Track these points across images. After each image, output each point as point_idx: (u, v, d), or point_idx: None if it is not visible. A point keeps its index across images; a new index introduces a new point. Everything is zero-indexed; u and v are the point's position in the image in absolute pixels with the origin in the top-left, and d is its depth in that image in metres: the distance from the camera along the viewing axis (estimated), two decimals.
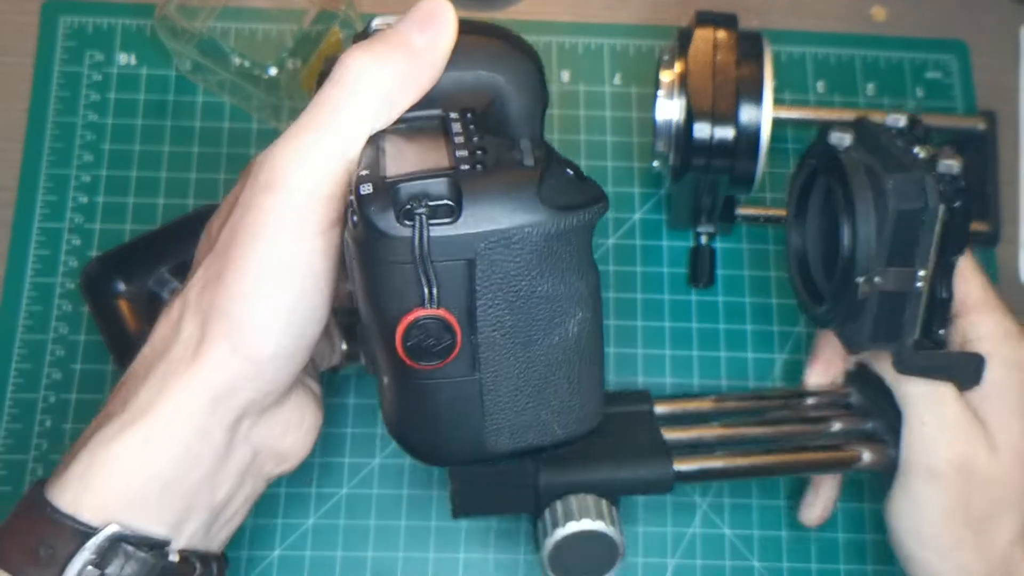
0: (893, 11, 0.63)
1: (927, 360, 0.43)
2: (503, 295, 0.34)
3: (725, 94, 0.50)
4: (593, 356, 0.37)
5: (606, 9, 0.63)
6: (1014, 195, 0.60)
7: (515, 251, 0.33)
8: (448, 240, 0.33)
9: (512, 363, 0.35)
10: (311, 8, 0.57)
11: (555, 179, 0.34)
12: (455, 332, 0.34)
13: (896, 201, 0.40)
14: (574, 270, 0.35)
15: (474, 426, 0.36)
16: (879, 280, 0.41)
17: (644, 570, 0.53)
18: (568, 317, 0.35)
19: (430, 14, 0.36)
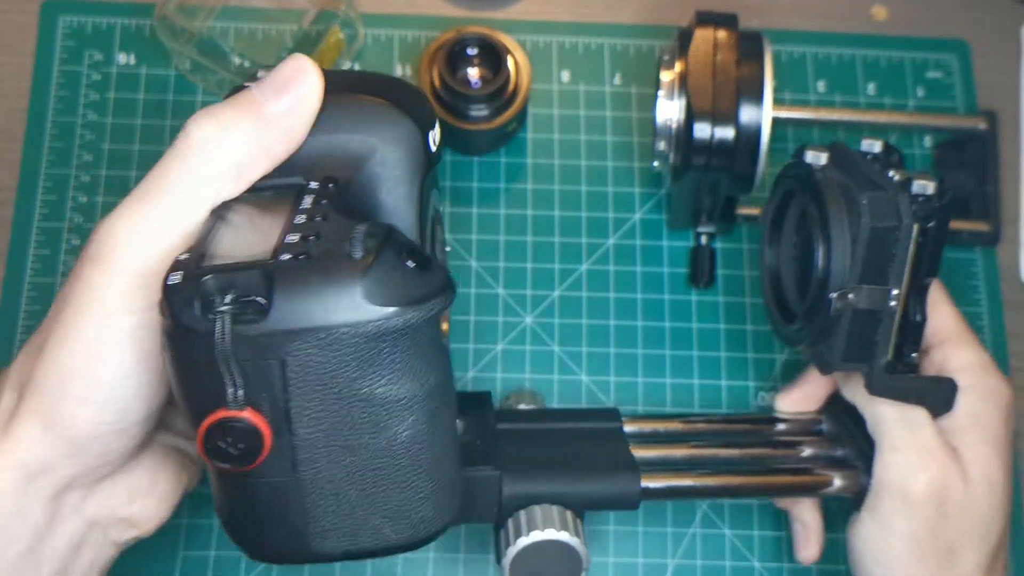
0: (894, 11, 0.63)
1: (900, 383, 0.43)
2: (320, 396, 0.32)
3: (725, 94, 0.50)
4: (433, 460, 0.34)
5: (606, 9, 0.63)
6: (1014, 195, 0.60)
7: (331, 352, 0.31)
8: (256, 339, 0.30)
9: (334, 466, 0.33)
10: (311, 8, 0.57)
11: (387, 272, 0.31)
12: (262, 435, 0.32)
13: (869, 218, 0.40)
14: (405, 372, 0.32)
15: (298, 527, 0.34)
16: (852, 297, 0.41)
17: (644, 570, 0.53)
18: (397, 421, 0.33)
19: (290, 78, 0.34)
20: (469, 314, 0.56)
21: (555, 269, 0.57)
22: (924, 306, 0.42)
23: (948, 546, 0.44)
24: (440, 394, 0.34)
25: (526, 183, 0.59)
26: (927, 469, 0.43)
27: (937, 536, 0.43)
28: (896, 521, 0.44)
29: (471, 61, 0.56)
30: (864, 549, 0.45)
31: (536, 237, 0.58)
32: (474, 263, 0.57)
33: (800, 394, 0.50)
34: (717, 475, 0.46)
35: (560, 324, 0.56)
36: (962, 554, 0.44)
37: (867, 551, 0.45)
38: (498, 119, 0.55)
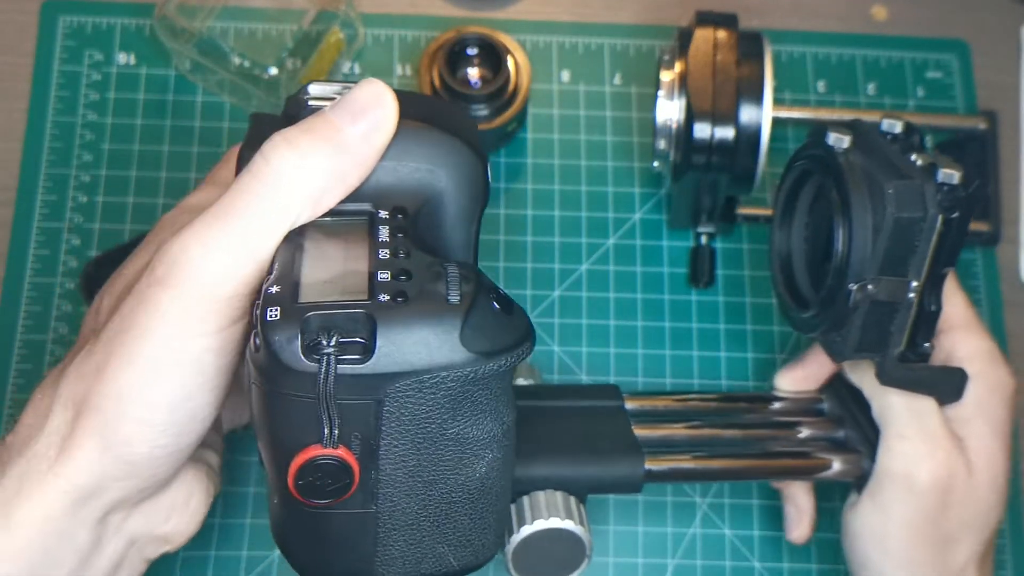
0: (894, 11, 0.63)
1: (911, 373, 0.43)
2: (410, 436, 0.32)
3: (725, 94, 0.50)
4: (499, 492, 0.35)
5: (606, 9, 0.63)
6: (1014, 195, 0.60)
7: (428, 394, 0.32)
8: (357, 379, 0.31)
9: (412, 500, 0.34)
10: (311, 8, 0.57)
11: (480, 318, 0.32)
12: (352, 473, 0.32)
13: (895, 208, 0.40)
14: (490, 413, 0.33)
15: (365, 555, 0.34)
16: (872, 288, 0.40)
17: (644, 570, 0.53)
18: (478, 459, 0.34)
19: (368, 103, 0.33)
20: None
21: (555, 269, 0.57)
22: (940, 296, 0.42)
23: (946, 535, 0.44)
24: (513, 432, 0.35)
25: (526, 183, 0.59)
26: (933, 458, 0.43)
27: (937, 525, 0.43)
28: (897, 508, 0.44)
29: (471, 61, 0.56)
30: (862, 532, 0.45)
31: (536, 237, 0.58)
32: None
33: (802, 373, 0.49)
34: (717, 458, 0.46)
35: (560, 324, 0.56)
36: (958, 543, 0.44)
37: (865, 535, 0.45)
38: (498, 119, 0.55)
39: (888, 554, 0.44)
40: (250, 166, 0.33)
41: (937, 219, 0.40)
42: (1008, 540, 0.54)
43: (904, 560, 0.44)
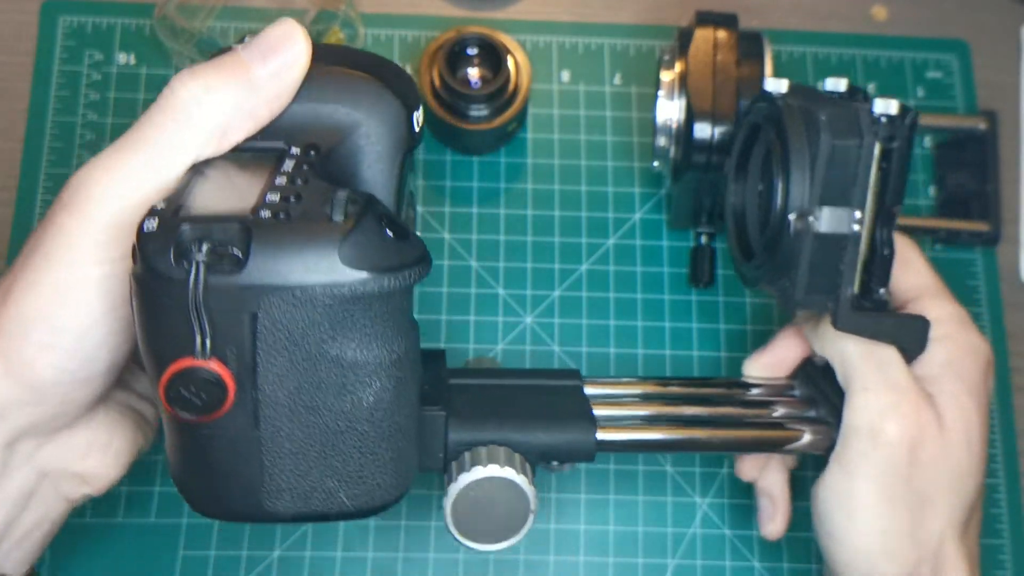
0: (894, 11, 0.63)
1: (868, 320, 0.41)
2: (288, 354, 0.32)
3: (725, 94, 0.50)
4: (395, 428, 0.35)
5: (606, 9, 0.63)
6: (1014, 195, 0.60)
7: (304, 311, 0.31)
8: (229, 290, 0.31)
9: (295, 425, 0.33)
10: (311, 8, 0.57)
11: (366, 237, 0.32)
12: (225, 386, 0.32)
13: (830, 135, 0.39)
14: (375, 338, 0.33)
15: (252, 484, 0.34)
16: (812, 220, 0.39)
17: (644, 570, 0.53)
18: (363, 386, 0.33)
19: (277, 42, 0.34)
20: (469, 314, 0.56)
21: (555, 269, 0.57)
22: (891, 238, 0.41)
23: (919, 497, 0.41)
24: (407, 364, 0.34)
25: (526, 183, 0.59)
26: (898, 410, 0.41)
27: (908, 484, 0.41)
28: (865, 466, 0.41)
29: (471, 61, 0.56)
30: (830, 498, 0.42)
31: (536, 237, 0.58)
32: (474, 263, 0.57)
33: (770, 358, 0.48)
34: (681, 427, 0.44)
35: (560, 324, 0.56)
36: (934, 507, 0.41)
37: (833, 501, 0.42)
38: (498, 119, 0.55)
39: (855, 519, 0.41)
40: (158, 99, 0.34)
41: (874, 146, 0.39)
42: (1008, 540, 0.54)
43: (873, 526, 0.41)
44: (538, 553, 0.53)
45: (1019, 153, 0.61)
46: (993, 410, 0.56)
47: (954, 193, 0.59)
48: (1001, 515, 0.55)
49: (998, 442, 0.56)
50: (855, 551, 0.41)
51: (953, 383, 0.42)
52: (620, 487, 0.54)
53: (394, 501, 0.36)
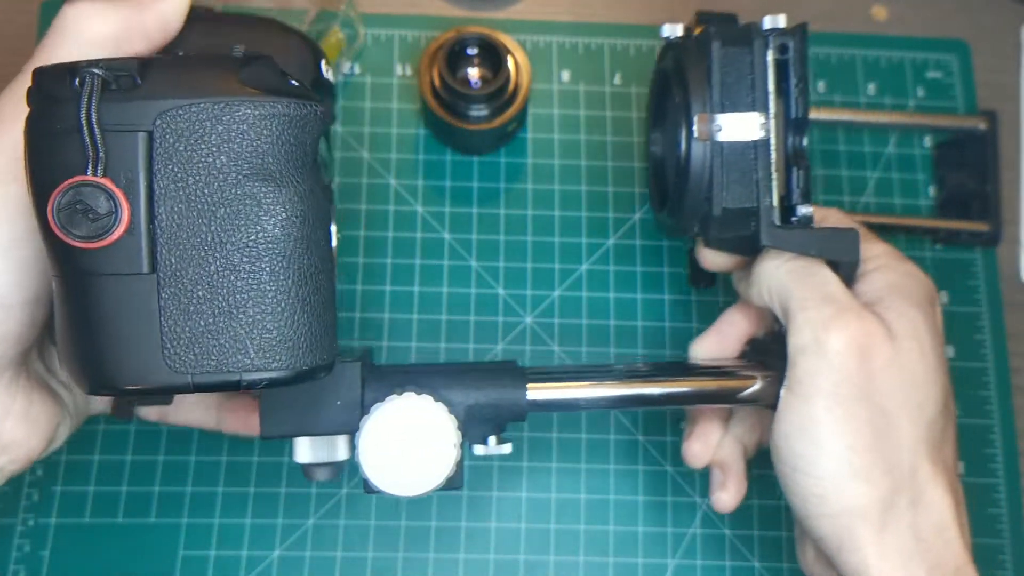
0: (894, 11, 0.63)
1: (796, 234, 0.40)
2: (186, 178, 0.31)
3: None
4: (302, 274, 0.32)
5: (606, 9, 0.63)
6: (1014, 195, 0.60)
7: (203, 128, 0.30)
8: (123, 108, 0.30)
9: (196, 263, 0.31)
10: (311, 8, 0.57)
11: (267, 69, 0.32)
12: (119, 204, 0.30)
13: (719, 42, 0.40)
14: (279, 163, 0.32)
15: (149, 339, 0.31)
16: (716, 128, 0.39)
17: (644, 570, 0.53)
18: (268, 215, 0.32)
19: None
20: (469, 314, 0.56)
21: (555, 269, 0.57)
22: (804, 149, 0.40)
23: (880, 409, 0.39)
24: (313, 206, 0.33)
25: (526, 183, 0.59)
26: (841, 318, 0.39)
27: (866, 397, 0.39)
28: (817, 382, 0.39)
29: (471, 61, 0.56)
30: (789, 431, 0.40)
31: (536, 237, 0.58)
32: (474, 263, 0.57)
33: (715, 336, 0.47)
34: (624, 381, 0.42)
35: (560, 324, 0.56)
36: (897, 419, 0.39)
37: (793, 431, 0.39)
38: (498, 119, 0.55)
39: (818, 442, 0.39)
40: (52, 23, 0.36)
41: (766, 52, 0.39)
42: (1008, 540, 0.54)
43: (837, 445, 0.39)
44: (538, 553, 0.53)
45: (1019, 153, 0.61)
46: (993, 410, 0.56)
47: (954, 193, 0.59)
48: (1001, 515, 0.55)
49: (998, 442, 0.56)
50: (823, 477, 0.39)
51: (897, 299, 0.41)
52: (620, 487, 0.54)
53: (308, 369, 0.33)
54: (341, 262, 0.56)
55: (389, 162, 0.58)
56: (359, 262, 0.56)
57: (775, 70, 0.39)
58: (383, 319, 0.56)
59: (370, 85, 0.60)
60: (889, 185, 0.60)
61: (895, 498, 0.39)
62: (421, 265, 0.57)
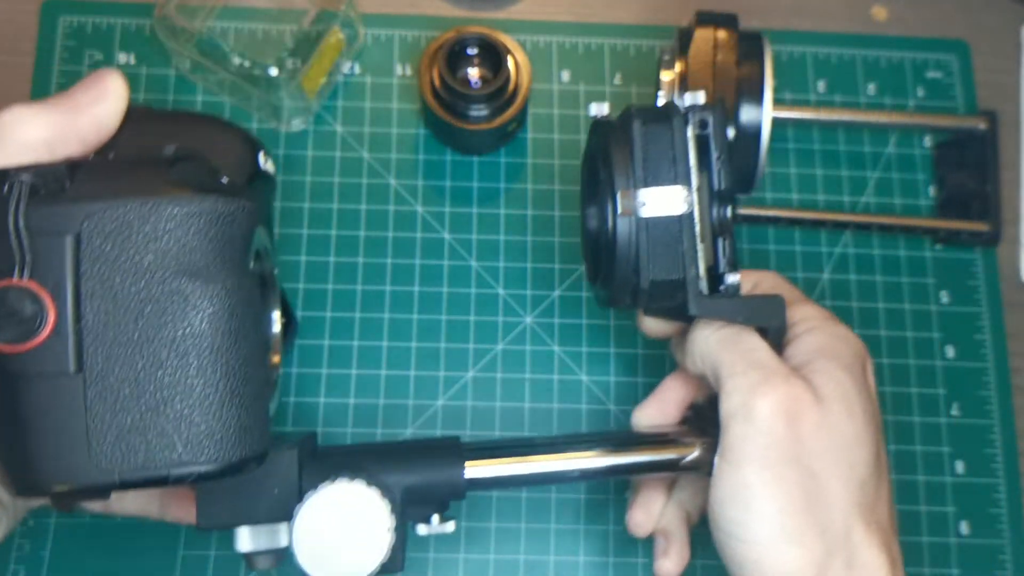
0: (894, 11, 0.63)
1: (723, 303, 0.40)
2: (114, 276, 0.31)
3: (726, 94, 0.50)
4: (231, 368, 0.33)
5: (606, 9, 0.63)
6: (1014, 195, 0.60)
7: (131, 228, 0.31)
8: (50, 211, 0.30)
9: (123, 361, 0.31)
10: (311, 8, 0.57)
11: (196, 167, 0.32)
12: (45, 307, 0.31)
13: (640, 121, 0.40)
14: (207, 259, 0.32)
15: (77, 437, 0.31)
16: (641, 204, 0.39)
17: (644, 570, 0.53)
18: (195, 311, 0.32)
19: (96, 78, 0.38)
20: (469, 314, 0.56)
21: (555, 269, 0.57)
22: (729, 219, 0.41)
23: (810, 472, 0.39)
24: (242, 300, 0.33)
25: (526, 183, 0.59)
26: (768, 383, 0.39)
27: (795, 460, 0.39)
28: (747, 449, 0.39)
29: (471, 61, 0.56)
30: (722, 497, 0.40)
31: (536, 237, 0.58)
32: (474, 263, 0.57)
33: (656, 403, 0.47)
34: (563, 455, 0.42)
35: (560, 324, 0.56)
36: (828, 483, 0.39)
37: (726, 498, 0.40)
38: (498, 119, 0.55)
39: (750, 508, 0.39)
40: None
41: (686, 128, 0.40)
42: (1008, 540, 0.54)
43: (768, 509, 0.39)
44: (538, 553, 0.53)
45: (1019, 153, 0.61)
46: (993, 410, 0.56)
47: (954, 193, 0.59)
48: (1001, 515, 0.55)
49: (998, 442, 0.56)
50: (757, 542, 0.39)
51: (825, 362, 0.41)
52: (620, 486, 0.54)
53: (239, 462, 0.33)
54: (341, 262, 0.56)
55: (389, 162, 0.58)
56: (359, 262, 0.56)
57: (696, 145, 0.40)
58: (383, 319, 0.56)
59: (370, 85, 0.60)
60: (889, 185, 0.60)
61: (829, 560, 0.39)
62: (421, 265, 0.57)
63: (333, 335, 0.55)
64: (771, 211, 0.57)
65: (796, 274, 0.58)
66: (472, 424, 0.54)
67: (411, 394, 0.55)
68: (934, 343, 0.57)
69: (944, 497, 0.55)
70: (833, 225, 0.58)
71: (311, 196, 0.57)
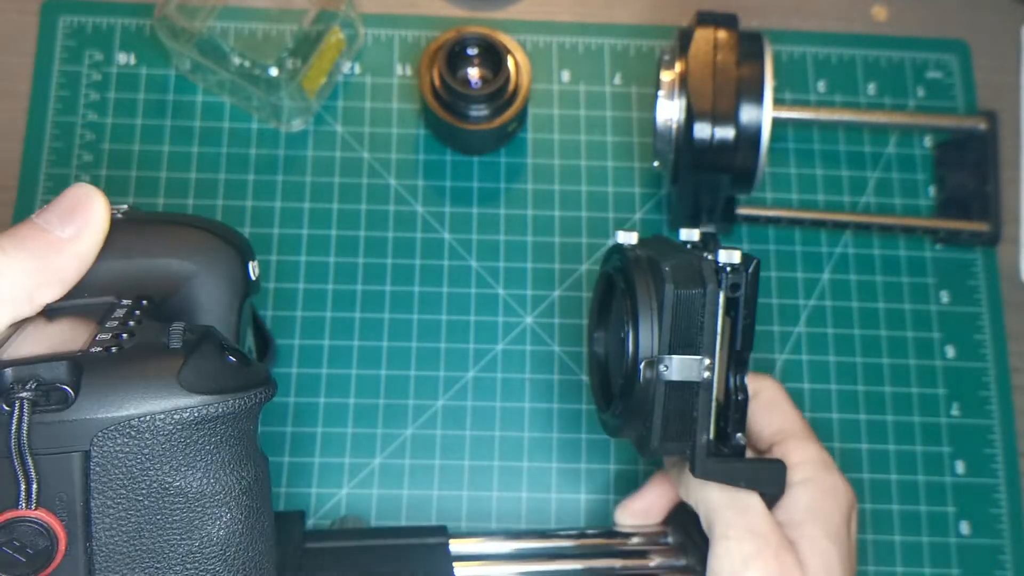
0: (894, 11, 0.63)
1: (726, 466, 0.41)
2: (126, 493, 0.30)
3: (726, 94, 0.50)
4: (250, 564, 0.32)
5: (606, 9, 0.63)
6: (1014, 195, 0.60)
7: (143, 441, 0.29)
8: (57, 427, 0.28)
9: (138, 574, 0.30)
10: (311, 8, 0.57)
11: (206, 361, 0.30)
12: (55, 536, 0.29)
13: (673, 284, 0.39)
14: (222, 464, 0.31)
15: None
16: (663, 368, 0.40)
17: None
18: (212, 519, 0.31)
19: (75, 204, 0.34)
20: (469, 314, 0.56)
21: (555, 269, 0.57)
22: (744, 383, 0.41)
23: None
24: (258, 493, 0.32)
25: (526, 183, 0.59)
26: (760, 557, 0.41)
27: None
28: None
29: (471, 61, 0.56)
30: None
31: (536, 237, 0.58)
32: (474, 263, 0.57)
33: (640, 504, 0.48)
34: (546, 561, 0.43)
35: (560, 324, 0.56)
36: None
37: None
38: (498, 119, 0.55)
39: None
40: None
41: (719, 294, 0.40)
42: (1008, 540, 0.54)
43: None
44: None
45: (1019, 153, 0.61)
46: (993, 410, 0.56)
47: (954, 193, 0.59)
48: (1001, 515, 0.55)
49: (998, 442, 0.56)
50: None
51: (814, 528, 0.42)
52: (619, 487, 0.54)
53: None
54: (341, 262, 0.56)
55: (389, 162, 0.58)
56: (359, 262, 0.56)
57: (725, 308, 0.40)
58: (383, 319, 0.56)
59: (370, 85, 0.60)
60: (889, 185, 0.60)
61: None
62: (421, 265, 0.57)
63: (333, 335, 0.55)
64: (771, 211, 0.57)
65: (796, 274, 0.58)
66: (472, 424, 0.54)
67: (411, 394, 0.55)
68: (934, 343, 0.57)
69: (944, 497, 0.55)
70: (833, 225, 0.58)
71: (311, 196, 0.57)
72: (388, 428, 0.54)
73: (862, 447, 0.55)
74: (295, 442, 0.53)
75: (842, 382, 0.56)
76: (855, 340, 0.57)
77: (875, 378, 0.56)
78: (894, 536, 0.54)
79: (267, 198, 0.57)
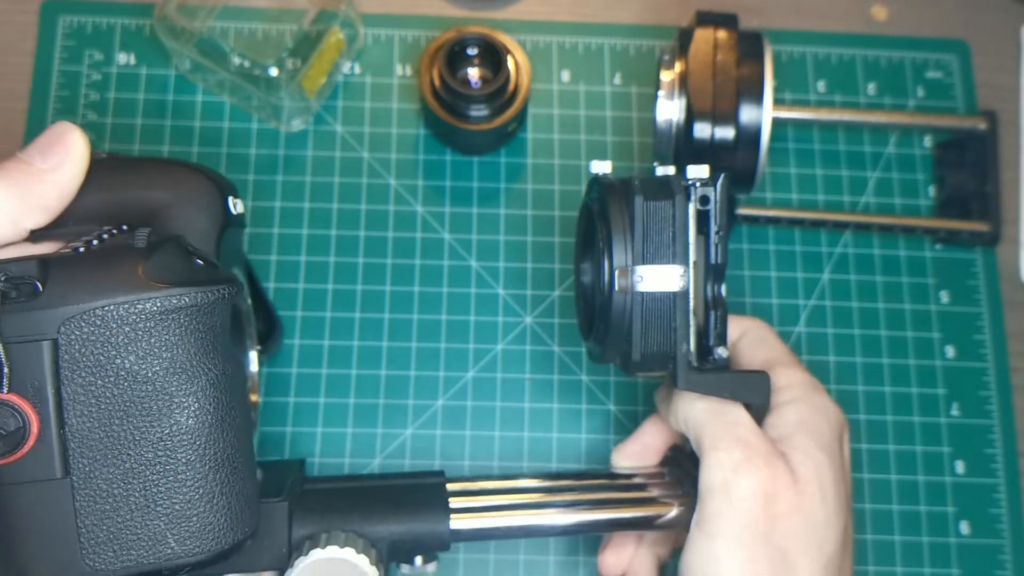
0: (894, 11, 0.63)
1: (709, 377, 0.41)
2: (95, 380, 0.31)
3: (725, 94, 0.50)
4: (221, 458, 0.33)
5: (606, 9, 0.63)
6: (1014, 195, 0.60)
7: (108, 330, 0.30)
8: (25, 317, 0.30)
9: (109, 463, 0.31)
10: (311, 8, 0.57)
11: (170, 258, 0.32)
12: (27, 419, 0.30)
13: (642, 196, 0.40)
14: (188, 354, 0.32)
15: (68, 540, 0.31)
16: (637, 279, 0.40)
17: None
18: (180, 408, 0.32)
19: (55, 139, 0.36)
20: (469, 314, 0.56)
21: (555, 269, 0.57)
22: (721, 294, 0.41)
23: (780, 551, 0.41)
24: (227, 388, 0.33)
25: (526, 183, 0.59)
26: (750, 463, 0.41)
27: (767, 539, 0.40)
28: (722, 524, 0.40)
29: (471, 61, 0.56)
30: (693, 565, 0.41)
31: (536, 237, 0.58)
32: (474, 263, 0.57)
33: (636, 446, 0.48)
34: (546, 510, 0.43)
35: (560, 324, 0.56)
36: (796, 561, 0.41)
37: (696, 566, 0.41)
38: (498, 119, 0.55)
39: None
40: None
41: (688, 205, 0.40)
42: (1008, 540, 0.54)
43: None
44: (538, 553, 0.53)
45: (1019, 153, 0.61)
46: (993, 410, 0.56)
47: (954, 193, 0.59)
48: (1001, 515, 0.55)
49: (998, 442, 0.56)
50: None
51: (804, 439, 0.42)
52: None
53: (231, 546, 0.34)
54: (341, 262, 0.56)
55: (389, 162, 0.58)
56: (359, 262, 0.56)
57: (696, 219, 0.41)
58: (383, 319, 0.56)
59: (370, 85, 0.60)
60: (889, 185, 0.60)
61: None
62: (421, 265, 0.57)
63: (333, 335, 0.55)
64: (771, 211, 0.57)
65: (796, 274, 0.58)
66: (472, 424, 0.54)
67: (411, 394, 0.55)
68: (934, 343, 0.57)
69: (944, 497, 0.55)
70: (833, 225, 0.58)
71: (311, 196, 0.57)
72: (388, 428, 0.54)
73: (862, 447, 0.55)
74: (295, 442, 0.53)
75: (842, 382, 0.56)
76: (855, 340, 0.57)
77: (875, 378, 0.56)
78: (894, 536, 0.54)
79: (267, 198, 0.57)
